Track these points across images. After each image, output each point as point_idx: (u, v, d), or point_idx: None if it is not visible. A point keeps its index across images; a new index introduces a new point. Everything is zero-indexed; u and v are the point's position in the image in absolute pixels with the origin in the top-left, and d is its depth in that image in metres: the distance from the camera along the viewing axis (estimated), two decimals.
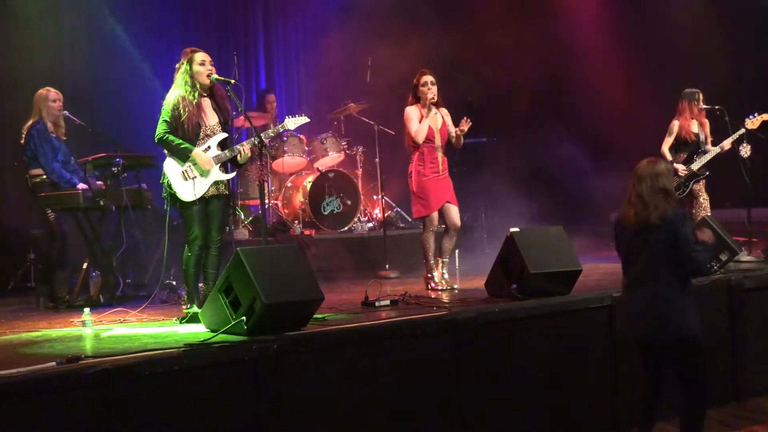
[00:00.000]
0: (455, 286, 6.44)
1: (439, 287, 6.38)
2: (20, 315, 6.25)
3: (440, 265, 6.49)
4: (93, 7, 9.07)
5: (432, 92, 6.41)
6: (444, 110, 6.58)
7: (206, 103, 5.51)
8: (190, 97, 5.38)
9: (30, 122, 6.74)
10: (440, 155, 6.46)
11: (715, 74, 8.88)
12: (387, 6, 9.90)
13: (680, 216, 4.36)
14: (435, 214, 6.43)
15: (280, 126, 5.94)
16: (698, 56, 9.62)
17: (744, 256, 6.82)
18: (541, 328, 5.29)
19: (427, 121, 6.40)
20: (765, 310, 6.15)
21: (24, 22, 8.53)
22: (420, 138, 6.38)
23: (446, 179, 6.50)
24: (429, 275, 6.52)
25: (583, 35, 10.28)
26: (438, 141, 6.44)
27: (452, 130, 6.52)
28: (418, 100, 6.49)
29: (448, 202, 6.46)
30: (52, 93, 6.81)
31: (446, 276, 6.50)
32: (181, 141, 5.36)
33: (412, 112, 6.47)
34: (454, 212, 6.47)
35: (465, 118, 6.42)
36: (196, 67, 5.42)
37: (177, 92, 5.41)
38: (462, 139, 6.52)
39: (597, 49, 10.05)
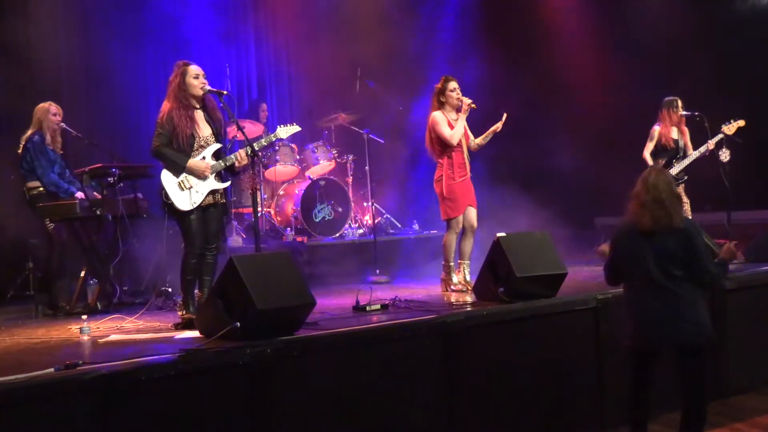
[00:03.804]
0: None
1: (459, 288, 6.51)
2: (19, 323, 6.32)
3: (463, 267, 6.60)
4: (89, 20, 9.18)
5: (459, 95, 6.59)
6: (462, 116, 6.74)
7: (199, 114, 5.59)
8: (184, 110, 5.47)
9: (28, 133, 6.85)
10: (467, 158, 6.63)
11: (695, 80, 9.07)
12: (377, 17, 10.07)
13: (696, 225, 4.48)
14: (461, 217, 6.57)
15: (272, 135, 6.01)
16: (678, 63, 9.79)
17: None
18: (528, 330, 5.37)
19: (462, 123, 6.56)
20: (745, 310, 6.24)
21: (21, 34, 8.64)
22: (456, 140, 6.52)
23: (470, 181, 6.66)
24: (447, 276, 6.63)
25: (566, 36, 10.44)
26: (464, 145, 6.62)
27: (471, 134, 6.73)
28: (441, 105, 6.63)
29: (469, 204, 6.63)
30: (54, 107, 6.93)
31: (468, 278, 6.58)
32: (176, 153, 5.47)
33: (440, 116, 6.59)
34: (472, 214, 6.63)
35: (505, 114, 6.64)
36: (189, 80, 5.51)
37: (170, 105, 5.49)
38: (485, 141, 6.72)
39: (582, 51, 10.19)
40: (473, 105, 6.58)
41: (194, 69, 5.56)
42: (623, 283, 4.64)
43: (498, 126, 6.67)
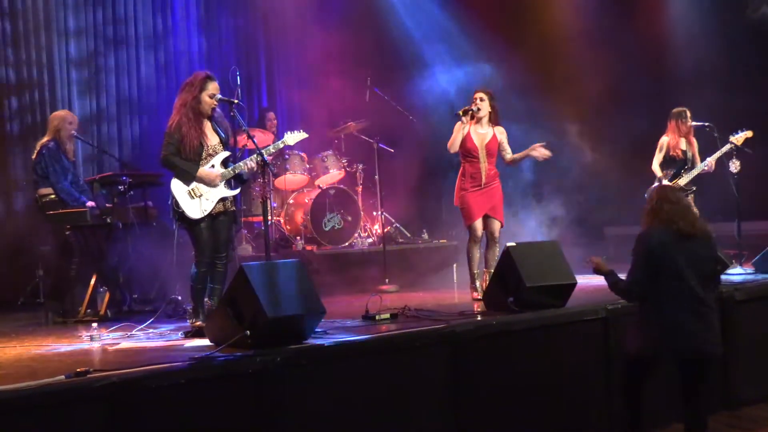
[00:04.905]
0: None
1: (478, 297, 6.51)
2: (30, 330, 6.31)
3: (486, 276, 6.60)
4: (98, 30, 9.24)
5: (477, 106, 6.66)
6: (500, 128, 6.77)
7: (207, 124, 5.63)
8: (193, 120, 5.49)
9: (43, 140, 6.89)
10: (483, 168, 6.62)
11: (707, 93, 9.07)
12: (387, 27, 10.11)
13: None
14: (477, 225, 6.59)
15: (280, 142, 6.03)
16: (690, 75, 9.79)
17: (734, 269, 6.95)
18: (537, 340, 5.38)
19: (461, 134, 6.62)
20: (755, 321, 6.23)
21: (33, 47, 8.71)
22: (451, 148, 6.67)
23: (489, 191, 6.66)
24: (472, 285, 6.68)
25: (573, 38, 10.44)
26: (482, 156, 6.63)
27: (507, 148, 6.76)
28: (472, 117, 6.70)
29: (487, 213, 6.63)
30: (70, 116, 6.99)
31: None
32: (185, 162, 5.49)
33: (457, 126, 6.72)
34: (491, 224, 6.65)
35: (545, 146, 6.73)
36: (205, 97, 5.53)
37: (179, 114, 5.51)
38: (519, 158, 6.79)
39: (597, 62, 10.18)
40: (459, 112, 6.68)
41: (213, 87, 5.57)
42: (649, 293, 4.54)
43: (536, 155, 6.70)
